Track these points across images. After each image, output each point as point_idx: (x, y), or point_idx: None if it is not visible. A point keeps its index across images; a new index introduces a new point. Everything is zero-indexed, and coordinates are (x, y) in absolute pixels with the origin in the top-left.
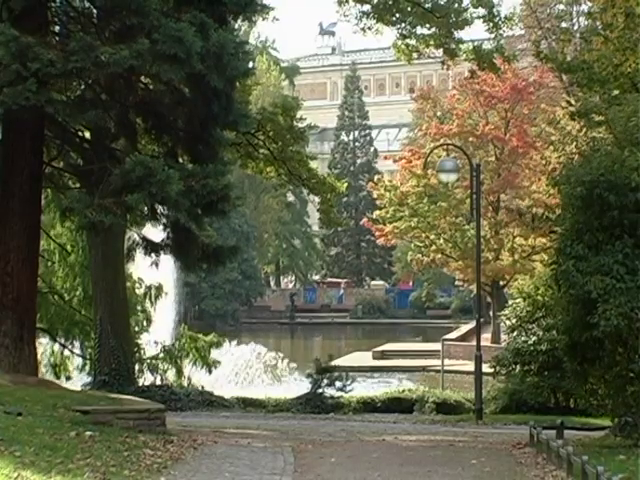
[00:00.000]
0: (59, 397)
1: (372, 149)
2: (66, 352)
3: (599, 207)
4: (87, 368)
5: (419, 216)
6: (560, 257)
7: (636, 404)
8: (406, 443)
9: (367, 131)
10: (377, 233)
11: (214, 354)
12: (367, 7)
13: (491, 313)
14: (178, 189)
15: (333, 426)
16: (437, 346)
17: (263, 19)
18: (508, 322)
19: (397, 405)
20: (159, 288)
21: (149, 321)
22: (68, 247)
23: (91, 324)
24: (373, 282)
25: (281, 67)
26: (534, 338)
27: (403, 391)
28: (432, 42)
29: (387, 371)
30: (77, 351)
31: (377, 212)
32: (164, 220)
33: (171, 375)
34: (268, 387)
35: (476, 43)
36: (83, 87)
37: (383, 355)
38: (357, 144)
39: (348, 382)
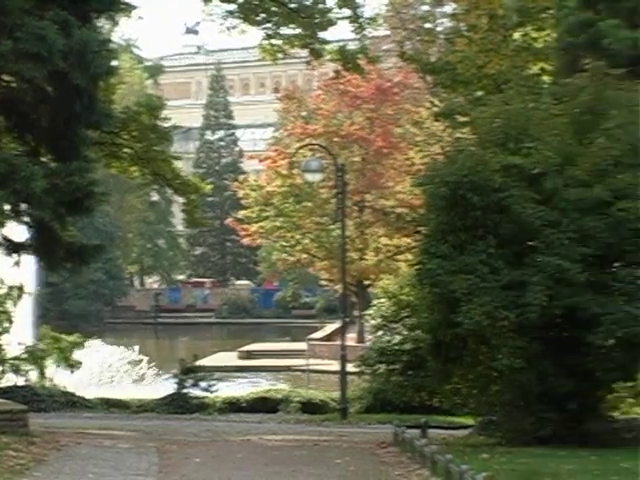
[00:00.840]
0: None
1: (237, 149)
2: None
3: (463, 207)
4: None
5: (284, 216)
6: (425, 257)
7: (499, 403)
8: (271, 443)
9: (232, 131)
10: (242, 233)
11: (78, 355)
12: (233, 6)
13: (356, 313)
14: (43, 186)
15: (198, 426)
16: (303, 346)
17: (127, 18)
18: (373, 321)
19: (262, 405)
20: (21, 288)
21: (10, 322)
22: None
23: None
24: (238, 282)
25: (145, 66)
26: (398, 337)
27: (268, 391)
28: (297, 42)
29: (253, 371)
30: None
31: (242, 212)
32: (27, 219)
33: (34, 376)
34: (132, 387)
35: (341, 44)
36: None
37: (249, 355)
38: (222, 144)
39: (213, 382)
